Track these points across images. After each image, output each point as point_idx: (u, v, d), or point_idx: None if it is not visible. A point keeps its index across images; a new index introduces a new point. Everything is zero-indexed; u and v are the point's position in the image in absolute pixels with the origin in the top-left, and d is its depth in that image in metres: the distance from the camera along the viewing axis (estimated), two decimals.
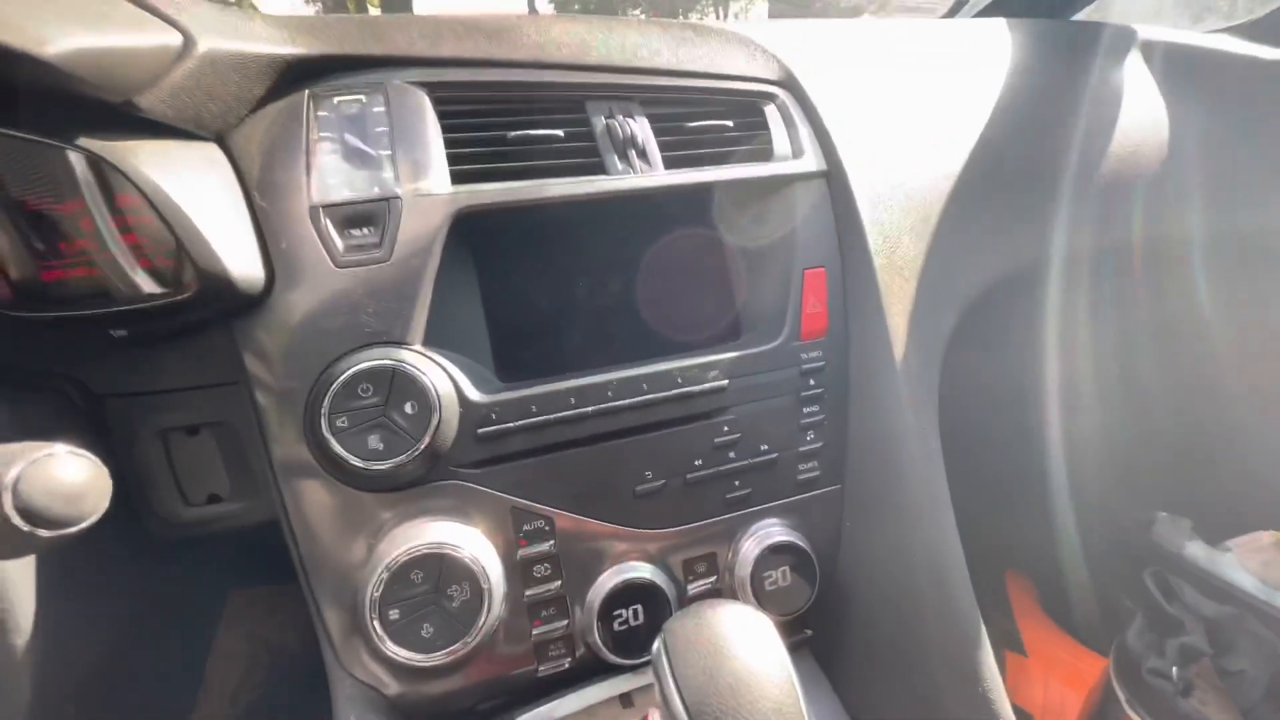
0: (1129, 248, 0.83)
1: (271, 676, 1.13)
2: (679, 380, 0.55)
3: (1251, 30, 1.09)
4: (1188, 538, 1.18)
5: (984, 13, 1.19)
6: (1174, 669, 0.71)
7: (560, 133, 0.57)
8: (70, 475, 0.26)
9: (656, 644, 0.37)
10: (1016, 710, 0.98)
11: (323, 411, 0.45)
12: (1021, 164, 0.75)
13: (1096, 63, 0.89)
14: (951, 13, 1.29)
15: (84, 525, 0.26)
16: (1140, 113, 0.85)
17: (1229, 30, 1.12)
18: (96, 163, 0.46)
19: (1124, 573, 1.12)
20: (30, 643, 0.44)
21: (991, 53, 0.84)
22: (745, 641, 0.36)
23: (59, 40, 0.38)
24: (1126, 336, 0.97)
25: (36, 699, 0.47)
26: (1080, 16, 1.15)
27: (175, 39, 0.46)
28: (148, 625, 0.71)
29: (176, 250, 0.51)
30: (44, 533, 0.25)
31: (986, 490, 1.17)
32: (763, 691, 0.33)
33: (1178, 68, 0.92)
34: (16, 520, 0.24)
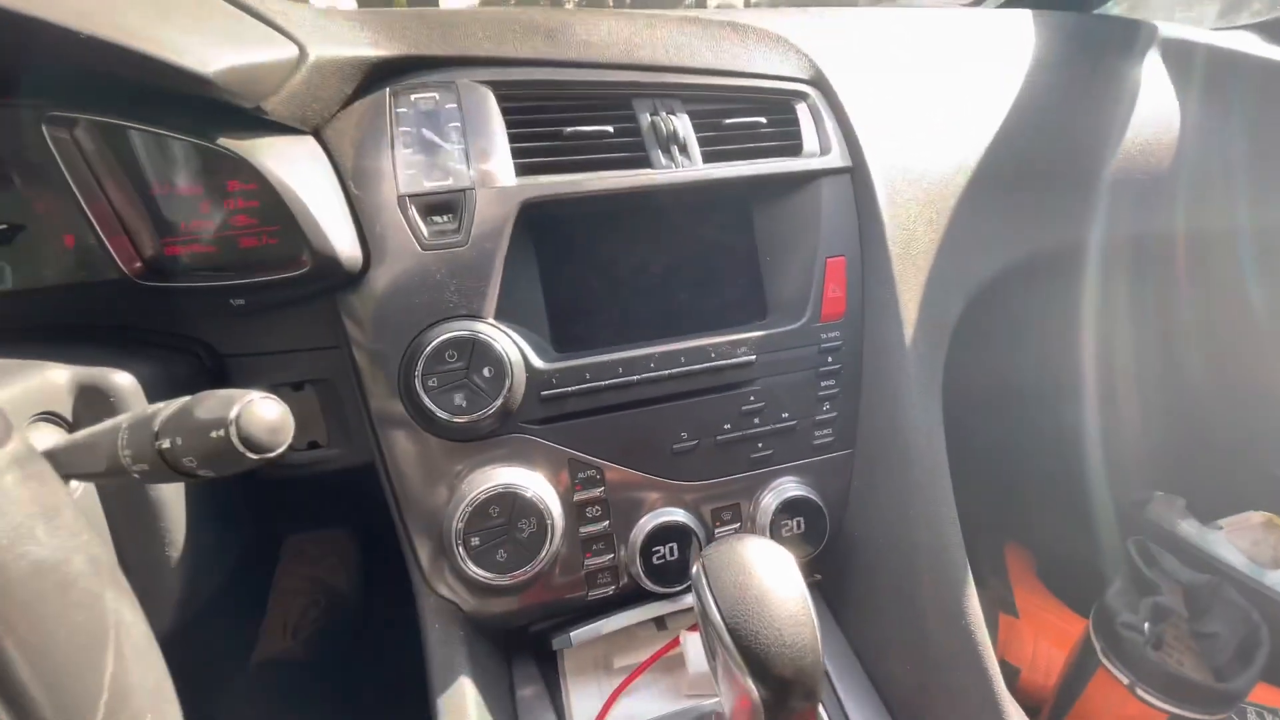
0: (1137, 241, 0.87)
1: (326, 614, 1.24)
2: (712, 354, 0.62)
3: (1271, 29, 1.11)
4: (1181, 515, 1.25)
5: (1007, 4, 1.21)
6: (1146, 624, 0.79)
7: (610, 128, 0.63)
8: (271, 413, 0.34)
9: (695, 566, 0.45)
10: (1005, 665, 1.07)
11: (416, 373, 0.54)
12: (1036, 158, 0.79)
13: (1116, 58, 0.93)
14: (978, 1, 1.32)
15: (280, 451, 0.35)
16: (1157, 108, 0.88)
17: (1250, 28, 1.15)
18: (223, 156, 0.54)
19: (1117, 547, 1.19)
20: (182, 555, 0.54)
21: (1014, 45, 0.87)
22: (769, 565, 0.44)
23: (217, 60, 0.46)
24: (1129, 325, 1.02)
25: (178, 609, 0.57)
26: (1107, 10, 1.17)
27: (293, 51, 0.53)
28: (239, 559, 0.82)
29: (287, 232, 0.59)
30: (254, 455, 0.34)
31: (991, 467, 1.24)
32: (782, 603, 0.42)
33: (1196, 66, 0.95)
34: (239, 446, 0.33)
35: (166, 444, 0.34)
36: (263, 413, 0.34)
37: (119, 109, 0.51)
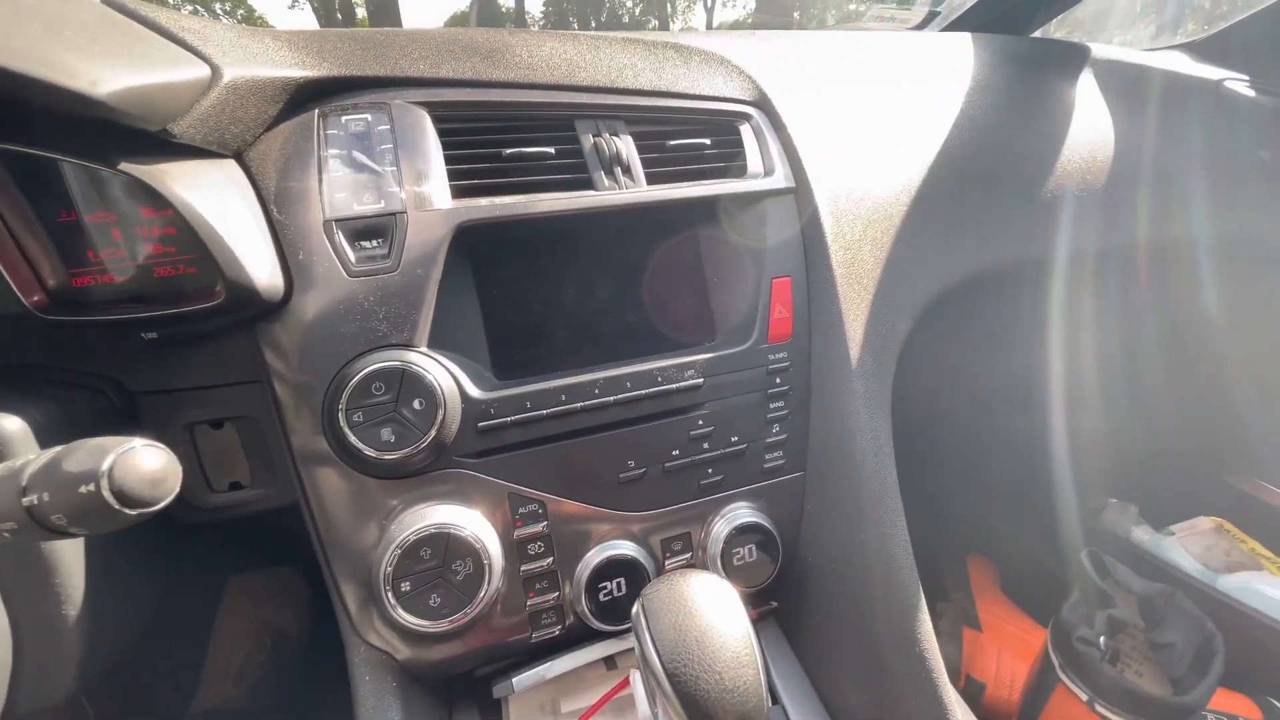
0: (1080, 255, 0.89)
1: (272, 657, 1.18)
2: (659, 379, 0.61)
3: (1199, 48, 1.16)
4: (1134, 522, 1.27)
5: (950, 28, 1.25)
6: (1101, 638, 0.79)
7: (551, 150, 0.62)
8: (151, 463, 0.31)
9: (636, 606, 0.43)
10: (971, 681, 1.06)
11: (340, 407, 0.51)
12: (977, 177, 0.80)
13: (1052, 78, 0.96)
14: (921, 26, 1.36)
15: (162, 505, 0.32)
16: (1092, 125, 0.91)
17: (1179, 47, 1.20)
18: (129, 183, 0.51)
19: (1075, 555, 1.21)
20: (81, 614, 0.49)
21: (954, 66, 0.90)
22: (710, 602, 0.42)
23: (110, 81, 0.43)
24: (1079, 336, 1.04)
25: (81, 669, 0.53)
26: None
27: (204, 71, 0.51)
28: (165, 608, 0.77)
29: (205, 261, 0.56)
30: (130, 511, 0.31)
31: (952, 479, 1.25)
32: (724, 643, 0.40)
33: (1129, 85, 0.98)
34: (112, 502, 0.30)
35: (35, 500, 0.30)
36: (141, 463, 0.31)
37: (13, 134, 0.48)
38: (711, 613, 0.41)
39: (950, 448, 1.18)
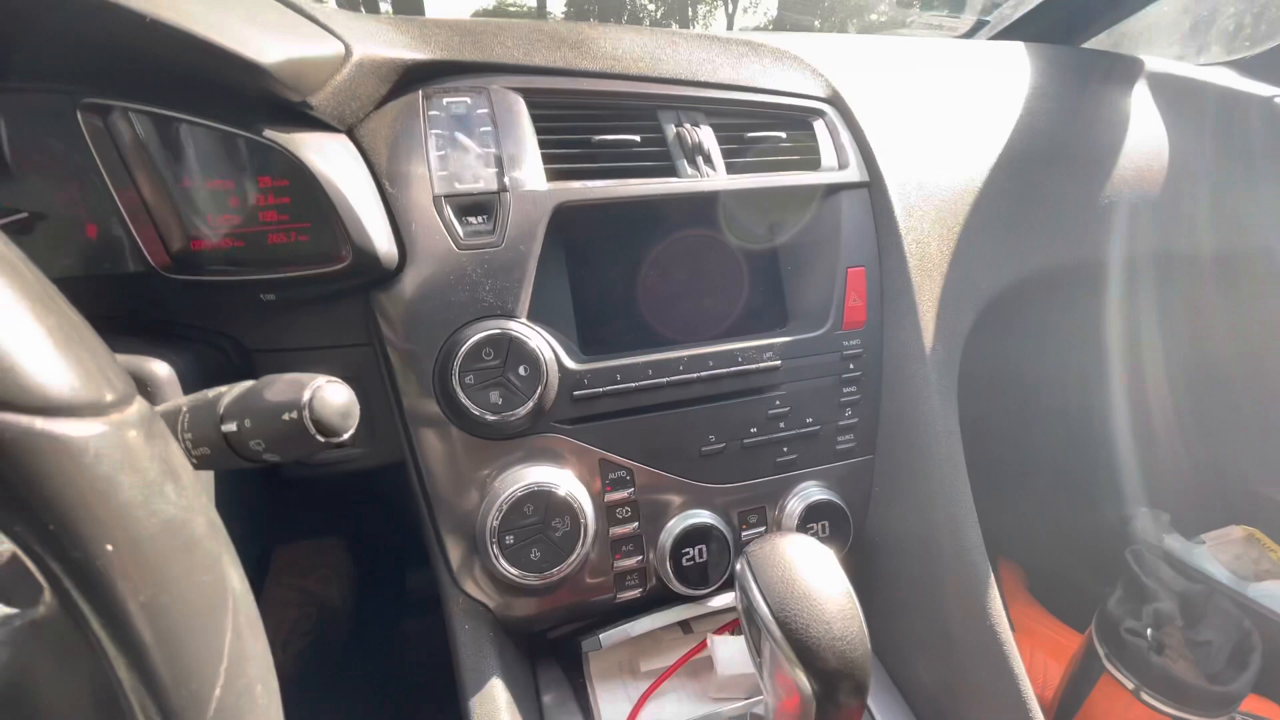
0: (1131, 262, 0.91)
1: (318, 625, 1.21)
2: (739, 359, 0.63)
3: (1249, 66, 1.18)
4: (1166, 530, 1.29)
5: (1000, 35, 1.27)
6: (1148, 629, 0.81)
7: (637, 138, 0.65)
8: (341, 397, 0.34)
9: (740, 563, 0.46)
10: None
11: (454, 370, 0.54)
12: (1035, 178, 0.83)
13: (1105, 87, 0.98)
14: (970, 34, 1.38)
15: (347, 435, 0.35)
16: (1147, 136, 0.93)
17: (1227, 64, 1.22)
18: (256, 150, 0.54)
19: (1106, 561, 1.22)
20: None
21: (1011, 72, 0.92)
22: (813, 561, 0.45)
23: (273, 51, 0.46)
24: (1120, 344, 1.06)
25: None
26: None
27: (340, 47, 0.54)
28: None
29: (317, 230, 0.59)
30: (323, 439, 0.33)
31: (983, 484, 1.27)
32: (830, 595, 0.42)
33: (1180, 97, 1.00)
34: (310, 429, 0.33)
35: (234, 427, 0.33)
36: (333, 396, 0.34)
37: (159, 98, 0.51)
38: (815, 569, 0.44)
39: (985, 450, 1.20)
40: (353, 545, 1.29)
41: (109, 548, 0.18)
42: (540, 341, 0.57)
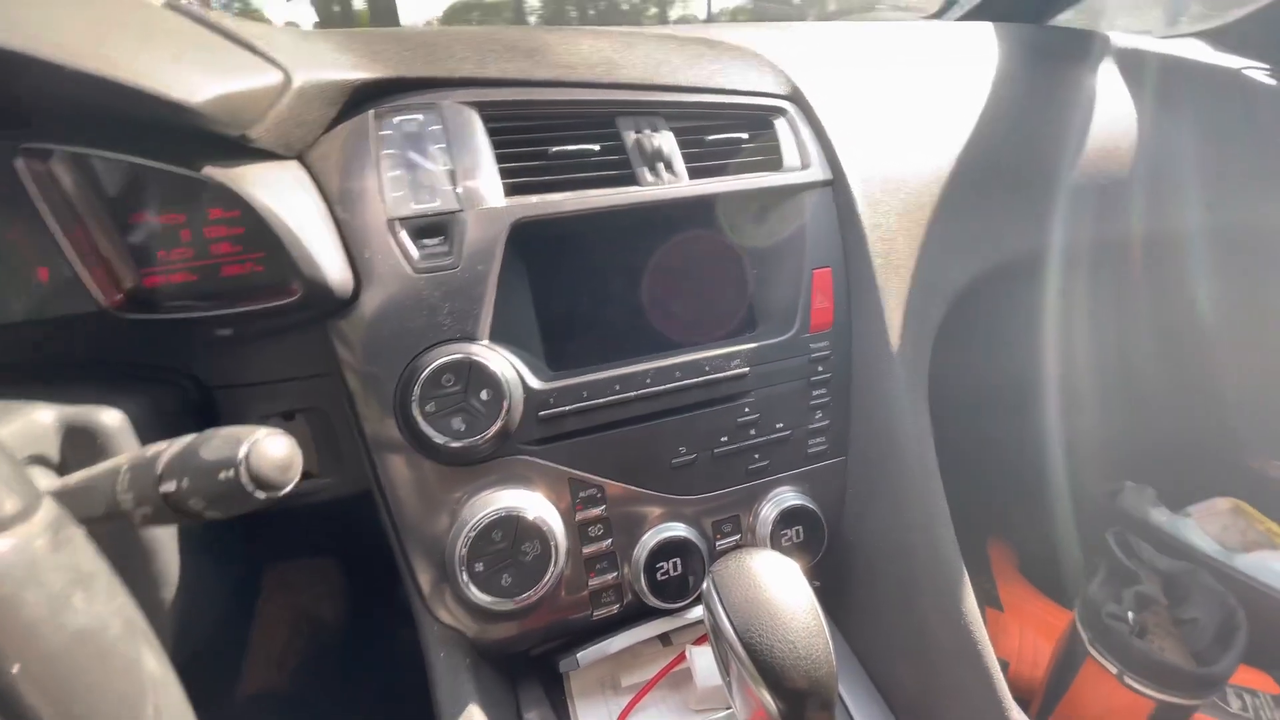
0: (1104, 243, 0.91)
1: (311, 645, 1.21)
2: (706, 368, 0.63)
3: (1217, 36, 1.17)
4: (1152, 504, 1.30)
5: (968, 16, 1.26)
6: (1129, 613, 0.81)
7: (596, 146, 0.64)
8: (281, 450, 0.34)
9: (706, 582, 0.46)
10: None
11: (414, 398, 0.53)
12: (1003, 163, 0.82)
13: (1073, 67, 0.97)
14: (939, 14, 1.37)
15: (289, 488, 0.34)
16: (1114, 115, 0.92)
17: (1197, 35, 1.21)
18: (203, 183, 0.53)
19: (1094, 538, 1.23)
20: (174, 599, 0.52)
21: (977, 55, 0.91)
22: (778, 577, 0.44)
23: (203, 90, 0.45)
24: (1098, 323, 1.06)
25: (172, 652, 0.55)
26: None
27: (278, 77, 0.53)
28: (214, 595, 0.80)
29: (271, 259, 0.58)
30: (262, 495, 0.33)
31: (971, 465, 1.27)
32: (794, 614, 0.42)
33: (1149, 73, 1.00)
34: (249, 486, 0.32)
35: (172, 486, 0.33)
36: (272, 450, 0.33)
37: (97, 139, 0.50)
38: (780, 586, 0.44)
39: (969, 434, 1.21)
40: (344, 561, 1.29)
41: (14, 669, 0.18)
42: (503, 364, 0.56)
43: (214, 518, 0.34)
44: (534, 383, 0.58)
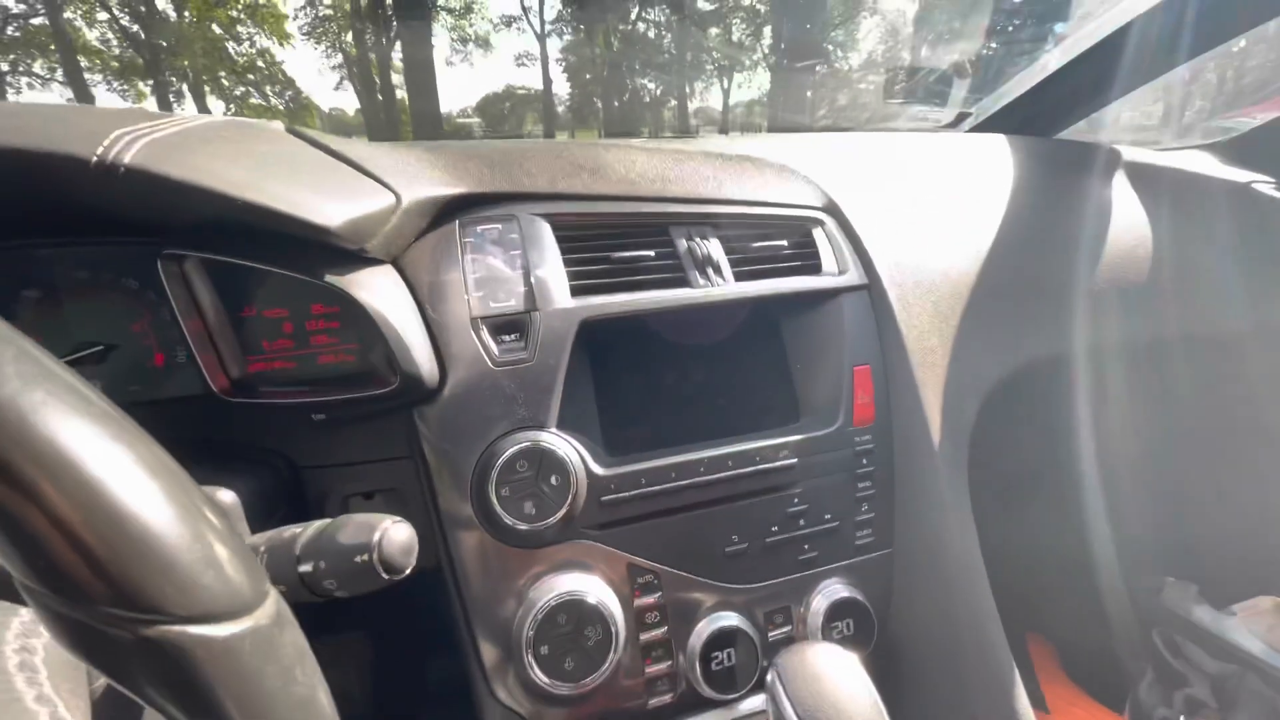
0: (1126, 344, 0.95)
1: None
2: (757, 458, 0.67)
3: (1225, 151, 1.25)
4: (1195, 602, 1.27)
5: (981, 127, 1.36)
6: (1180, 717, 0.80)
7: (652, 253, 0.70)
8: (405, 536, 0.38)
9: (770, 673, 0.48)
10: None
11: (490, 481, 0.58)
12: (1023, 270, 0.87)
13: (1085, 178, 1.04)
14: (953, 125, 1.47)
15: (408, 572, 0.38)
16: (1127, 224, 0.98)
17: (1204, 148, 1.29)
18: (305, 284, 0.59)
19: (1136, 635, 1.20)
20: None
21: (992, 166, 0.98)
22: (840, 670, 0.47)
23: (337, 214, 0.53)
24: (1133, 421, 1.09)
25: None
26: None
27: (390, 199, 0.60)
28: None
29: (363, 351, 0.64)
30: (388, 577, 0.37)
31: (1010, 560, 1.27)
32: (858, 707, 0.44)
33: (1158, 184, 1.06)
34: (379, 569, 0.36)
35: (309, 568, 0.37)
36: (399, 537, 0.38)
37: (231, 249, 0.57)
38: (842, 679, 0.46)
39: (1006, 528, 1.21)
40: (373, 638, 1.29)
41: None
42: (569, 450, 0.61)
43: (341, 597, 0.38)
44: (596, 469, 0.62)
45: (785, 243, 0.76)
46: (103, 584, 0.20)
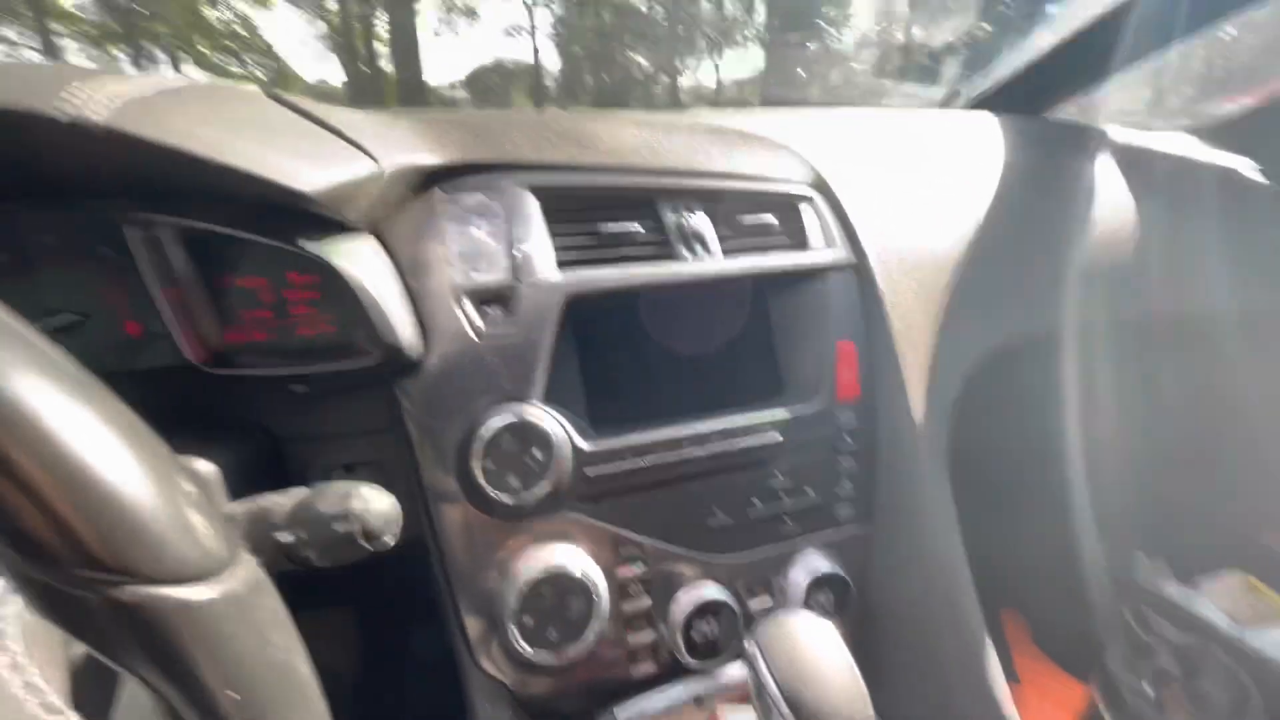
0: (1108, 323, 0.96)
1: (323, 692, 1.20)
2: (741, 433, 0.67)
3: (1209, 134, 1.26)
4: (1164, 576, 1.31)
5: (972, 105, 1.35)
6: (1149, 688, 0.83)
7: (638, 226, 0.70)
8: (386, 505, 0.38)
9: (749, 642, 0.49)
10: None
11: (474, 455, 0.57)
12: (1008, 248, 0.88)
13: (1072, 157, 1.04)
14: (944, 103, 1.47)
15: (391, 540, 0.38)
16: (1113, 204, 0.99)
17: (1188, 130, 1.29)
18: (285, 250, 0.58)
19: (1106, 610, 1.23)
20: None
21: (980, 144, 0.97)
22: (818, 639, 0.47)
23: (316, 179, 0.51)
24: (1110, 399, 1.10)
25: None
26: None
27: (372, 166, 0.59)
28: None
29: (343, 322, 0.63)
30: (369, 546, 0.37)
31: (985, 537, 1.29)
32: (835, 674, 0.45)
33: (1143, 165, 1.07)
34: (360, 539, 0.36)
35: (289, 537, 0.37)
36: (380, 506, 0.37)
37: (201, 214, 0.56)
38: (821, 646, 0.47)
39: (984, 504, 1.23)
40: (357, 611, 1.29)
41: (234, 695, 0.21)
42: (554, 424, 0.61)
43: (321, 566, 0.38)
44: (582, 443, 0.62)
45: (773, 218, 0.76)
46: (72, 546, 0.19)
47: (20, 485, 0.19)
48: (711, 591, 0.64)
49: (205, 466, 0.51)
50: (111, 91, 0.46)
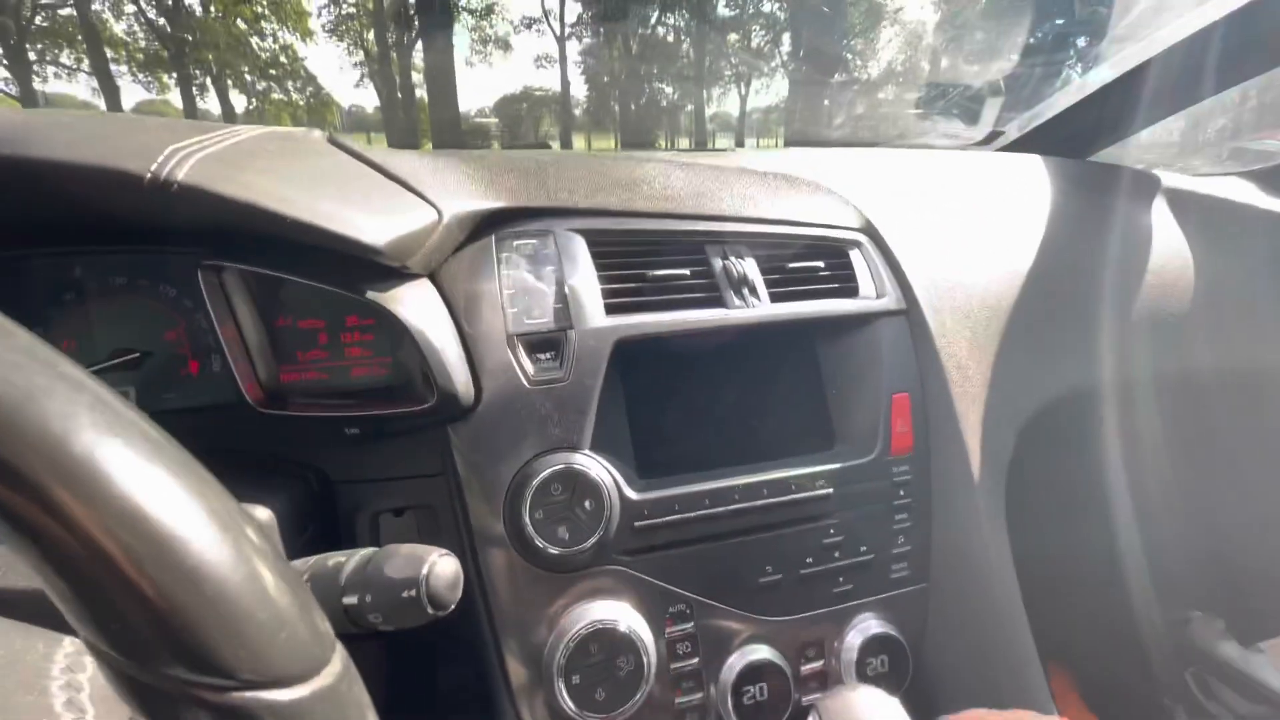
0: (1165, 375, 0.92)
1: None
2: (793, 486, 0.65)
3: (1264, 178, 1.22)
4: (1221, 637, 1.24)
5: (1013, 146, 1.34)
6: None
7: (687, 271, 0.69)
8: (452, 571, 0.37)
9: (812, 716, 0.47)
10: None
11: (525, 504, 0.57)
12: (1062, 296, 0.85)
13: (1121, 202, 1.02)
14: (985, 143, 1.45)
15: (452, 607, 0.37)
16: (1168, 253, 0.96)
17: (1242, 175, 1.26)
18: (340, 296, 0.59)
19: (1160, 669, 1.17)
20: None
21: (1029, 187, 0.96)
22: (882, 715, 0.45)
23: (383, 232, 0.52)
24: (1167, 452, 1.06)
25: None
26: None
27: (433, 215, 0.60)
28: None
29: (397, 365, 0.64)
30: (434, 612, 0.36)
31: (1031, 586, 1.25)
32: None
33: (1197, 211, 1.04)
34: (426, 605, 0.35)
35: (354, 600, 0.36)
36: (446, 571, 0.37)
37: (270, 261, 0.57)
38: None
39: (1030, 554, 1.19)
40: (388, 646, 1.28)
41: None
42: (602, 472, 0.60)
43: (384, 631, 0.37)
44: (630, 493, 0.61)
45: (822, 264, 0.75)
46: (173, 648, 0.19)
47: (126, 585, 0.18)
48: (763, 653, 0.62)
49: (264, 514, 0.51)
50: (191, 148, 0.47)
